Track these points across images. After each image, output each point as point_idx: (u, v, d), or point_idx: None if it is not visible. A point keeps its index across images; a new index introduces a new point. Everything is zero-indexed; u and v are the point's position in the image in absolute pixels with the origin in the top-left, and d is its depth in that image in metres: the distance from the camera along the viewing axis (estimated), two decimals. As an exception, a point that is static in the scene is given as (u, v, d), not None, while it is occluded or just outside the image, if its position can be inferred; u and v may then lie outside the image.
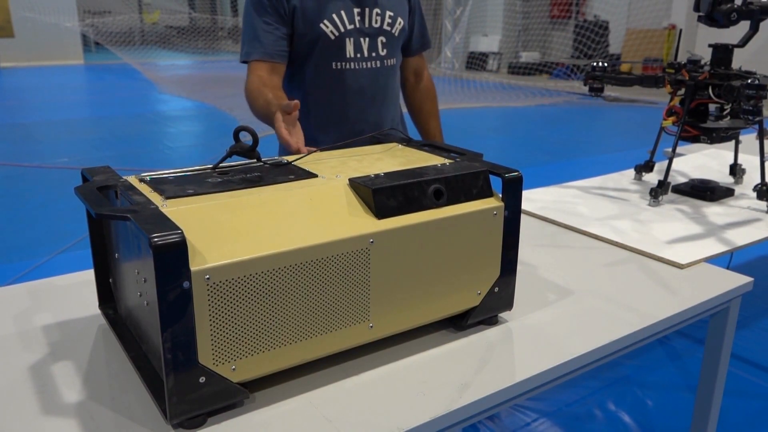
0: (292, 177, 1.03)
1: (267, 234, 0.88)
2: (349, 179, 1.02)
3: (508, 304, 1.16)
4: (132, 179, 1.01)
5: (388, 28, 1.79)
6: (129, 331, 1.05)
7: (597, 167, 2.28)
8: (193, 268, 0.80)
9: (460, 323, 1.13)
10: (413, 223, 0.99)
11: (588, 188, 2.05)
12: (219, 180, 1.00)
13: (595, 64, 2.02)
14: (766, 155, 1.94)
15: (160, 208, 0.86)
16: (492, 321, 1.16)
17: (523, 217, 1.79)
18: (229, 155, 1.05)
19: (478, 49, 13.04)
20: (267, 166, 1.11)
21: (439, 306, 1.07)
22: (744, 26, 1.85)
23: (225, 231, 0.86)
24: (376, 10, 1.76)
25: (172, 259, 0.78)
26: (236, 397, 0.89)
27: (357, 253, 0.94)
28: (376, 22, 1.76)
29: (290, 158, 1.15)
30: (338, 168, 1.10)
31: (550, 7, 12.40)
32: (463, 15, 11.62)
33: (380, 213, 0.98)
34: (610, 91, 8.36)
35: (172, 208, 0.87)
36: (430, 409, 0.92)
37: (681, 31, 2.31)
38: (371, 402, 0.93)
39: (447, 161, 1.14)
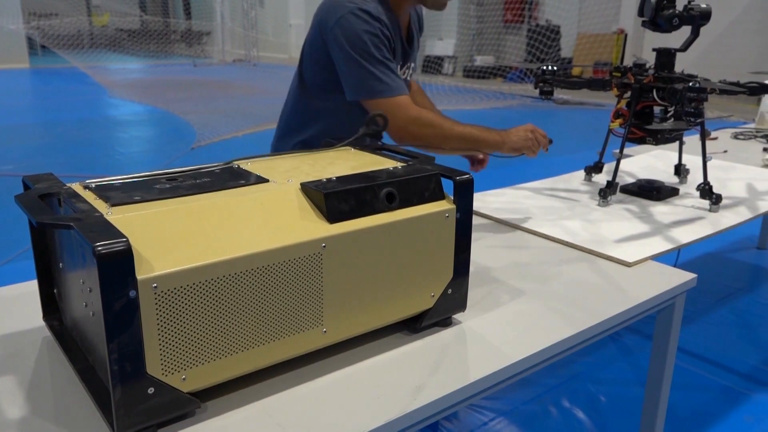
0: (243, 182, 1.02)
1: (216, 240, 0.86)
2: (301, 184, 1.01)
3: (462, 306, 1.17)
4: (76, 186, 0.98)
5: (409, 78, 1.90)
6: (75, 342, 1.02)
7: (548, 169, 2.33)
8: (139, 276, 0.78)
9: (414, 326, 1.13)
10: (366, 226, 0.99)
11: (540, 189, 2.09)
12: (167, 186, 0.98)
13: (544, 67, 2.06)
14: (708, 155, 2.02)
15: (105, 215, 0.84)
16: (446, 322, 1.17)
17: (476, 218, 1.81)
18: (360, 135, 1.20)
19: (433, 53, 13.16)
20: (217, 171, 1.09)
21: (393, 309, 1.07)
22: (687, 31, 1.92)
23: (173, 238, 0.85)
24: (411, 64, 1.87)
25: (118, 267, 0.76)
26: (187, 407, 0.87)
27: (309, 257, 0.93)
28: (406, 75, 1.87)
29: (240, 162, 1.14)
30: (290, 172, 1.09)
31: (504, 12, 12.60)
32: (418, 19, 11.69)
33: (332, 217, 0.97)
34: (560, 93, 8.54)
35: (118, 216, 0.85)
36: (385, 413, 0.92)
37: (626, 35, 2.37)
38: (326, 407, 0.93)
39: (399, 165, 1.15)
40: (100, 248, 0.75)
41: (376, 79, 1.61)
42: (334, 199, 0.98)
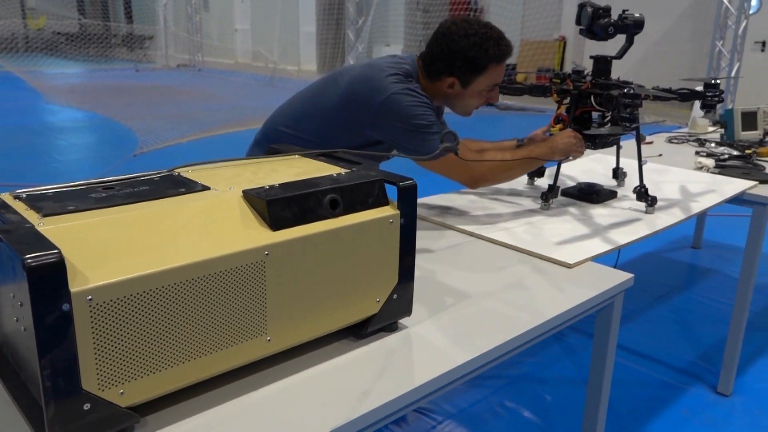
0: (183, 190, 1.00)
1: (154, 250, 0.84)
2: (243, 191, 1.00)
3: (407, 310, 1.18)
4: (6, 196, 0.94)
5: None
6: (6, 359, 0.98)
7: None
8: (73, 289, 0.76)
9: (360, 332, 1.13)
10: (309, 233, 0.99)
11: (484, 194, 2.12)
12: (103, 195, 0.96)
13: (487, 74, 2.10)
14: (643, 159, 2.09)
15: (36, 226, 0.81)
16: (392, 327, 1.18)
17: (421, 223, 1.83)
18: (440, 152, 1.33)
19: (380, 59, 13.20)
20: (156, 179, 1.07)
21: (338, 316, 1.07)
22: (624, 39, 1.98)
23: (109, 249, 0.82)
24: None
25: (49, 280, 0.73)
26: (125, 422, 0.84)
27: (252, 266, 0.92)
28: None
29: (181, 170, 1.12)
30: (232, 180, 1.07)
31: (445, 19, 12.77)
32: (365, 25, 11.74)
33: (275, 224, 0.97)
34: (503, 99, 8.71)
35: (50, 227, 0.82)
36: (331, 420, 0.91)
37: (565, 43, 2.44)
38: (271, 417, 0.92)
39: (343, 171, 1.15)
40: (29, 261, 0.72)
41: (433, 142, 1.76)
42: (277, 207, 0.97)
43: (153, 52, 16.94)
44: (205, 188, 1.02)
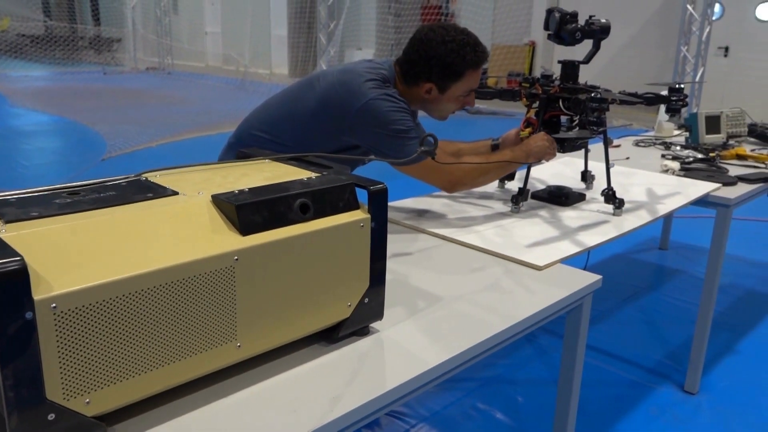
0: (151, 195, 0.99)
1: (120, 257, 0.83)
2: (212, 196, 0.99)
3: (379, 314, 1.18)
4: (-34, 202, 0.92)
5: None
6: (-32, 369, 0.96)
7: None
8: (36, 297, 0.74)
9: (331, 336, 1.13)
10: (279, 238, 0.98)
11: (456, 197, 2.14)
12: (68, 201, 0.94)
13: (458, 78, 2.11)
14: (611, 162, 2.12)
15: (-2, 233, 0.79)
16: (363, 332, 1.18)
17: (392, 227, 1.83)
18: (418, 155, 1.32)
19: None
20: (123, 184, 1.05)
21: (309, 320, 1.06)
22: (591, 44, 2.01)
23: (74, 255, 0.81)
24: None
25: (12, 288, 0.72)
26: None
27: (221, 271, 0.91)
28: None
29: (149, 174, 1.11)
30: (201, 185, 1.06)
31: (421, 23, 12.84)
32: (336, 28, 11.73)
33: (245, 229, 0.96)
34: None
35: (12, 233, 0.80)
36: (301, 425, 0.91)
37: (533, 48, 2.47)
38: (240, 424, 0.91)
39: (314, 175, 1.15)
40: (-9, 268, 0.70)
41: (412, 147, 1.77)
42: (247, 211, 0.97)
43: (121, 55, 16.70)
44: (174, 193, 1.01)
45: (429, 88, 1.84)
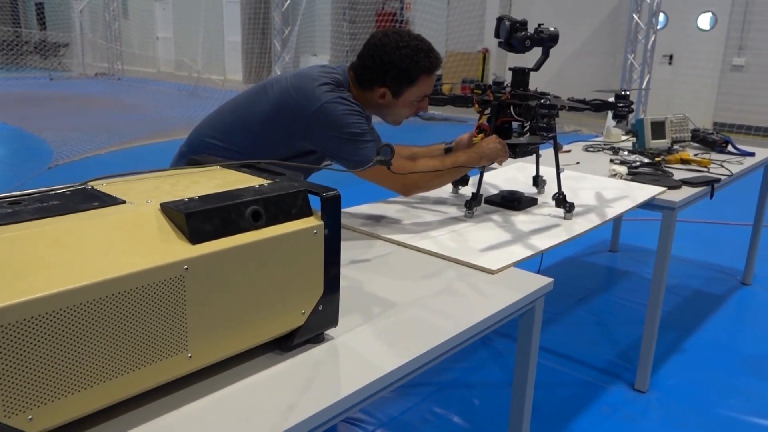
0: (97, 204, 0.97)
1: (62, 268, 0.81)
2: (161, 204, 0.97)
3: (333, 321, 1.17)
4: None
5: None
6: None
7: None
8: (-26, 311, 0.71)
9: (285, 344, 1.12)
10: (230, 246, 0.97)
11: (410, 203, 2.15)
12: (8, 211, 0.91)
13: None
14: (561, 167, 2.17)
15: (-68, 245, 0.76)
16: (318, 339, 1.17)
17: (348, 233, 1.83)
18: (374, 164, 1.35)
19: (307, 69, 13.16)
20: (68, 193, 1.02)
21: (263, 329, 1.05)
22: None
23: (13, 268, 0.78)
24: None
25: (-53, 302, 0.69)
26: (35, 449, 0.80)
27: (170, 281, 0.90)
28: None
29: (95, 183, 1.08)
30: (150, 193, 1.04)
31: (376, 30, 12.89)
32: (291, 34, 11.69)
33: (195, 238, 0.94)
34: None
35: (-52, 245, 0.77)
36: (255, 436, 0.90)
37: (485, 55, 2.51)
38: (192, 436, 0.89)
39: (265, 182, 1.14)
40: (-76, 282, 0.67)
41: (367, 150, 1.78)
42: (197, 219, 0.95)
43: (69, 60, 16.26)
44: (121, 202, 0.99)
45: (383, 92, 1.86)
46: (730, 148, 3.20)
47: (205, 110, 8.94)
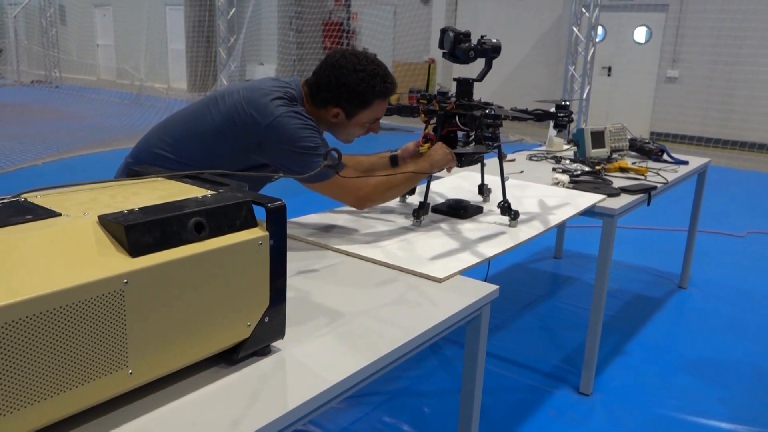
0: (30, 217, 0.93)
1: (-7, 284, 0.77)
2: (99, 216, 0.95)
3: (280, 333, 1.16)
4: None
5: None
6: None
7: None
8: None
9: (231, 357, 1.10)
10: (172, 259, 0.95)
11: (358, 212, 2.15)
12: (-66, 225, 0.87)
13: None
14: (506, 175, 2.21)
15: None
16: (264, 351, 1.16)
17: (297, 243, 1.82)
18: (322, 169, 1.36)
19: (254, 77, 13.07)
20: (-1, 206, 0.98)
21: (207, 342, 1.03)
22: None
23: (-61, 284, 0.74)
24: None
25: None
26: (-37, 476, 0.76)
27: (109, 296, 0.87)
28: None
29: (29, 195, 1.04)
30: (87, 205, 1.01)
31: (323, 39, 12.90)
32: (237, 43, 11.57)
33: (135, 251, 0.92)
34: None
35: None
36: (199, 453, 0.88)
37: (430, 66, 2.54)
38: (133, 455, 0.87)
39: (209, 193, 1.12)
40: None
41: (319, 164, 1.74)
42: (137, 232, 0.93)
43: (3, 67, 15.64)
44: (56, 214, 0.95)
45: (336, 113, 1.86)
46: (665, 156, 3.33)
47: (147, 119, 8.74)
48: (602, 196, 2.49)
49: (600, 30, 9.18)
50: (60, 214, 0.95)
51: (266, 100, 1.75)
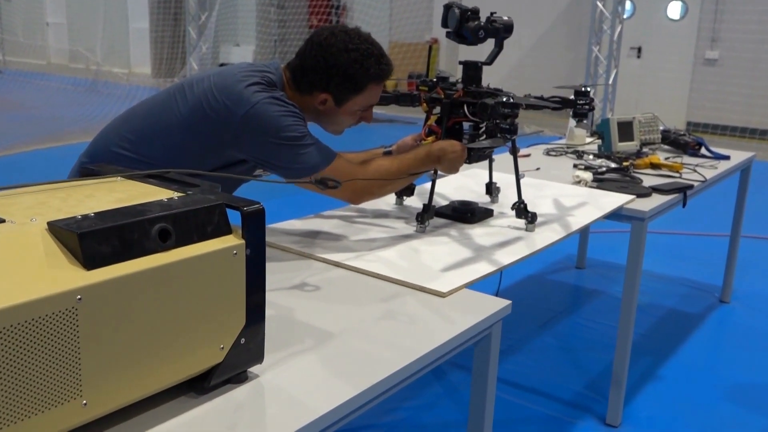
0: (-33, 224, 0.93)
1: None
2: (48, 223, 0.95)
3: (258, 357, 1.16)
4: None
5: None
6: None
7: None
8: None
9: (201, 385, 1.10)
10: (133, 272, 0.95)
11: (349, 217, 2.15)
12: None
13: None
14: (521, 173, 2.21)
15: None
16: (240, 378, 1.16)
17: (277, 253, 1.82)
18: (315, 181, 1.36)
19: (229, 61, 13.07)
20: (-68, 211, 0.98)
21: (173, 368, 1.03)
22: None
23: None
24: None
25: None
26: None
27: (60, 314, 0.87)
28: None
29: (-33, 199, 1.04)
30: (35, 209, 1.01)
31: (308, 17, 12.92)
32: (209, 21, 11.58)
33: (90, 263, 0.92)
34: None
35: None
36: (165, 496, 0.88)
37: (431, 47, 2.55)
38: (88, 499, 0.87)
39: (176, 195, 1.12)
40: None
41: (308, 155, 1.77)
42: (92, 240, 0.93)
43: (-64, 50, 15.63)
44: (-1, 221, 0.95)
45: (324, 99, 1.86)
46: (703, 150, 3.35)
47: (105, 109, 8.74)
48: (631, 197, 2.50)
49: (628, 5, 9.23)
50: (3, 221, 0.95)
51: (241, 86, 1.75)
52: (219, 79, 1.79)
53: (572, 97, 2.17)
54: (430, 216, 2.05)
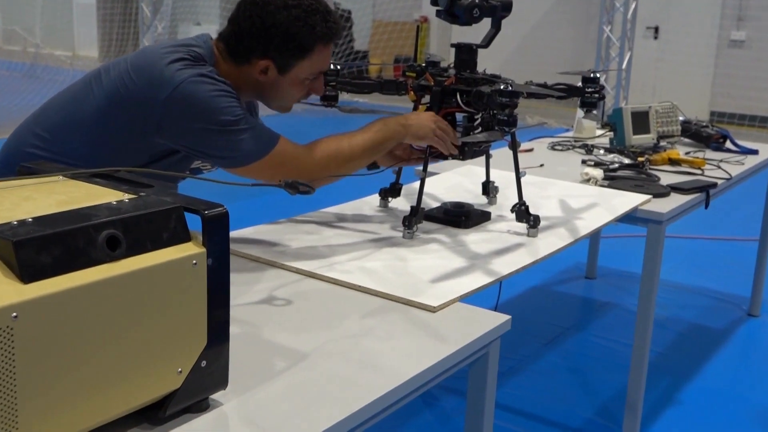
0: None
1: None
2: (-21, 229, 0.95)
3: (222, 382, 1.17)
4: None
5: None
6: None
7: (336, 193, 2.42)
8: None
9: (156, 415, 1.10)
10: (78, 285, 0.95)
11: (326, 221, 2.16)
12: None
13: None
14: (522, 170, 2.21)
15: None
16: (201, 407, 1.16)
17: (241, 262, 1.82)
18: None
19: (188, 42, 13.04)
20: None
21: (124, 396, 1.03)
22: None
23: None
24: None
25: None
26: None
27: (-8, 334, 0.87)
28: None
29: None
30: (-37, 214, 1.01)
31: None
32: (165, -4, 11.56)
33: (27, 275, 0.92)
34: (348, 98, 8.93)
35: None
36: None
37: (419, 27, 2.56)
38: None
39: (126, 197, 1.12)
40: None
41: (247, 141, 1.76)
42: (30, 249, 0.93)
43: None
44: None
45: (265, 66, 1.84)
46: (728, 144, 3.38)
47: (46, 97, 8.63)
48: (647, 197, 2.52)
49: (643, -21, 9.29)
50: (-74, 227, 0.95)
51: (162, 63, 1.73)
52: (137, 59, 1.77)
53: (580, 84, 2.19)
54: (418, 220, 2.06)
